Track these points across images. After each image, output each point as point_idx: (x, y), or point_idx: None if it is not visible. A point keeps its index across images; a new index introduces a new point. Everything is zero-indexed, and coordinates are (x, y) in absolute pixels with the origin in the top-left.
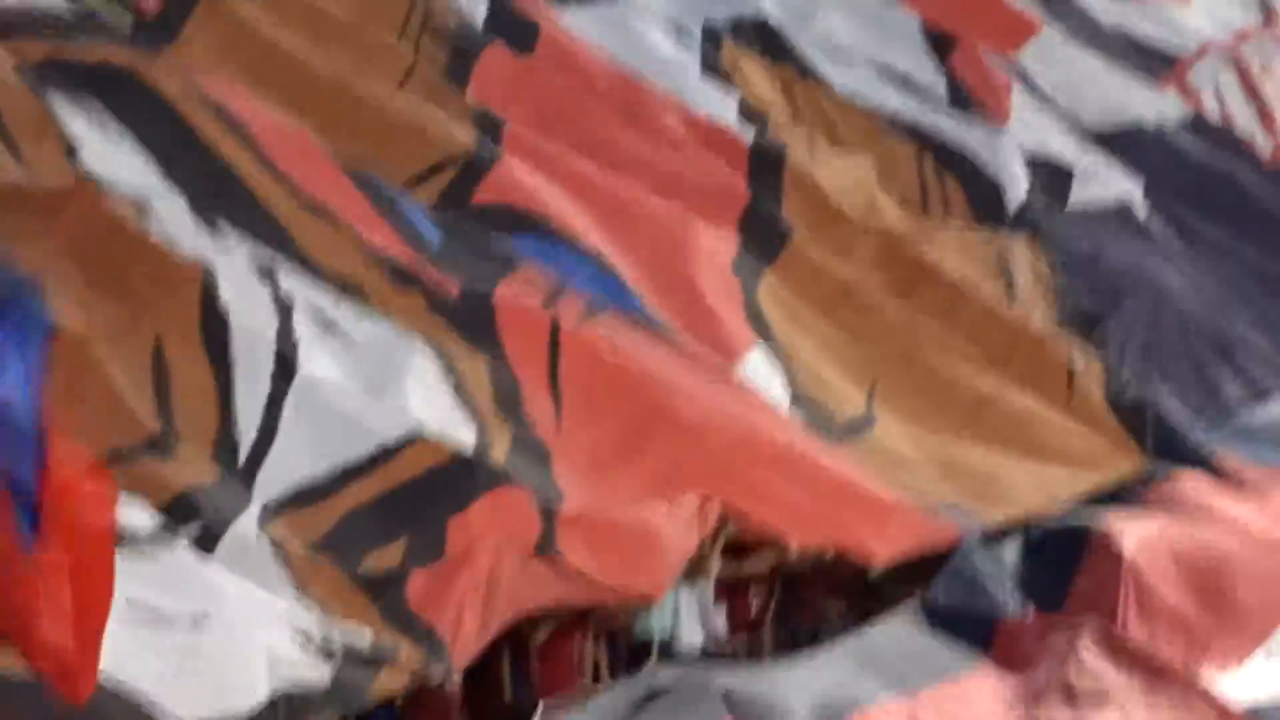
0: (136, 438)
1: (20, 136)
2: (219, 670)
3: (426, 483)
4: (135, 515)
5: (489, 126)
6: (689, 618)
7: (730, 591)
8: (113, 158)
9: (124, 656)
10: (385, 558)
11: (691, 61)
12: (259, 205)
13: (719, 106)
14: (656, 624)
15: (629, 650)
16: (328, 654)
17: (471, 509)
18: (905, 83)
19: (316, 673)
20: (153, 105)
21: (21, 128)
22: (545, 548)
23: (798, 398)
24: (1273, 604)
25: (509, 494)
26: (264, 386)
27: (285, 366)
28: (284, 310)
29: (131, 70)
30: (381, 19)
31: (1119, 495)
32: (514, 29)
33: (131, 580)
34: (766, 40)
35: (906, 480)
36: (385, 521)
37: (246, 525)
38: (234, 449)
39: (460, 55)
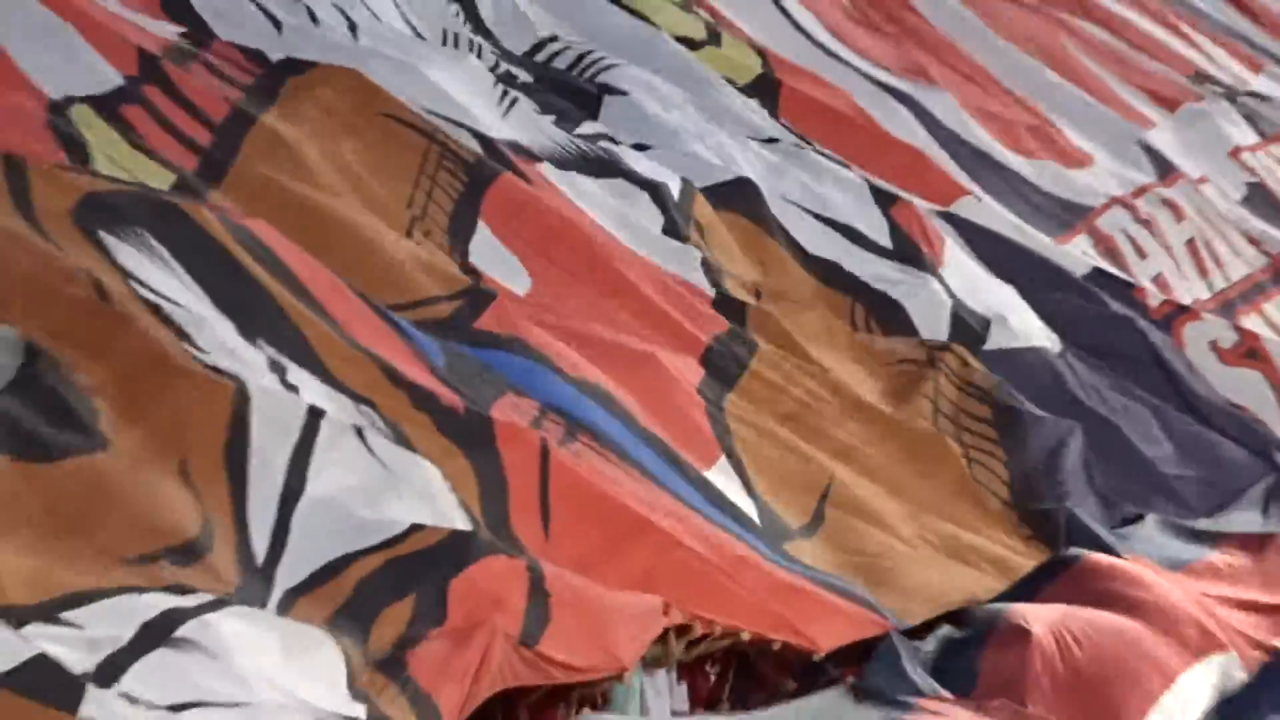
0: (176, 533)
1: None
2: None
3: (428, 554)
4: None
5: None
6: (654, 693)
7: (690, 670)
8: (163, 282)
9: None
10: (395, 617)
11: (657, 216)
12: (294, 328)
13: (683, 261)
14: (625, 697)
15: None
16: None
17: (470, 570)
18: (851, 232)
19: None
20: (196, 235)
21: (80, 258)
22: (529, 638)
23: (758, 502)
24: (1159, 676)
25: (503, 562)
26: (275, 500)
27: (298, 482)
28: (311, 414)
29: (174, 204)
30: (396, 165)
31: (1030, 582)
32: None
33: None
34: (736, 195)
35: (843, 579)
36: (394, 584)
37: (267, 611)
38: (251, 554)
39: (472, 188)
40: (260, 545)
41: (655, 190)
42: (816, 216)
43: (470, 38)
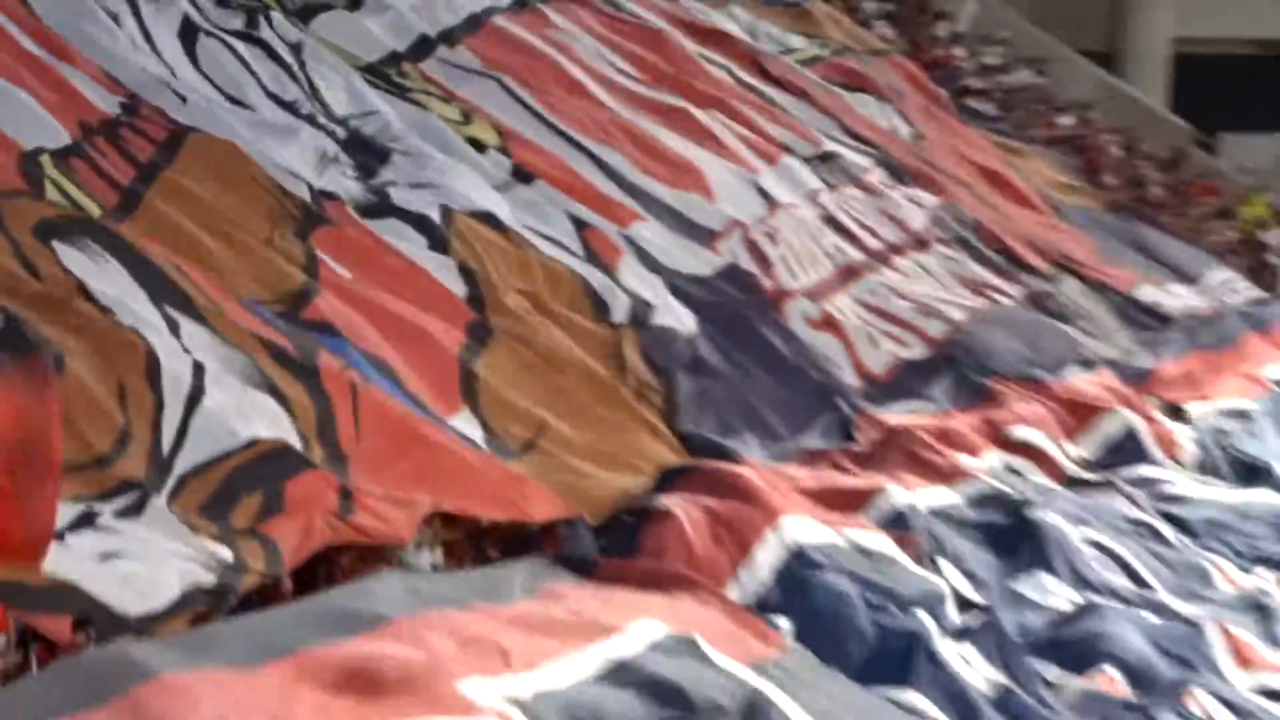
0: (111, 438)
1: (37, 265)
2: (148, 581)
3: (267, 460)
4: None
5: (313, 269)
6: (425, 555)
7: (447, 541)
8: (101, 278)
9: (85, 576)
10: (249, 507)
11: (421, 239)
12: (188, 298)
13: (444, 268)
14: (408, 557)
15: None
16: (211, 569)
17: (301, 477)
18: (562, 244)
19: (207, 579)
20: (118, 243)
21: (37, 259)
22: (342, 513)
23: (490, 433)
24: (753, 534)
25: (322, 476)
26: (179, 413)
27: (194, 401)
28: (196, 366)
29: (104, 224)
30: (254, 208)
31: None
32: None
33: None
34: (485, 219)
35: (550, 480)
36: (247, 483)
37: (162, 498)
38: (158, 451)
39: (303, 225)
40: (168, 442)
41: (422, 220)
42: (541, 235)
43: (310, 109)
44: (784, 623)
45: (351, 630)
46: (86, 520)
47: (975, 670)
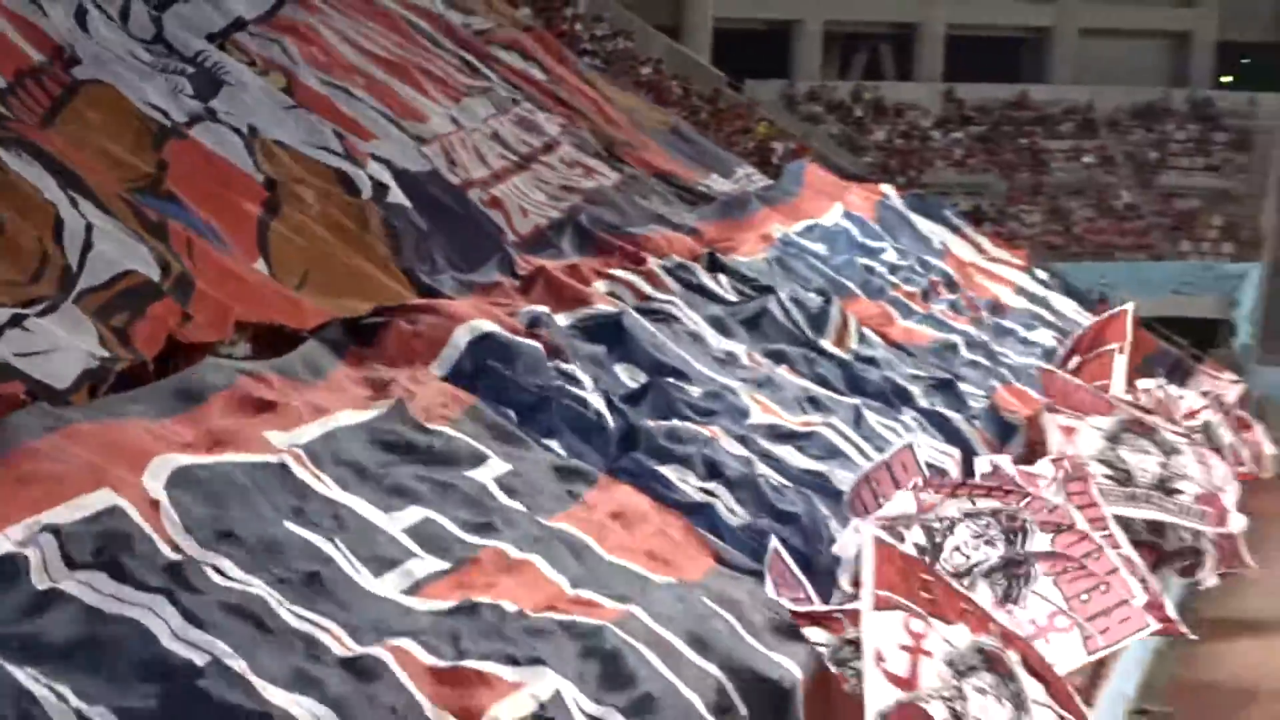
0: (34, 268)
1: None
2: (56, 362)
3: (135, 289)
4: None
5: (164, 165)
6: (240, 348)
7: (253, 340)
8: (27, 170)
9: (16, 360)
10: (121, 318)
11: (240, 145)
12: (81, 181)
13: (249, 163)
14: (224, 349)
15: None
16: (98, 355)
17: (158, 303)
18: (331, 150)
19: (95, 363)
20: (35, 147)
21: None
22: (185, 322)
23: (274, 274)
24: (445, 333)
25: (172, 304)
26: (77, 254)
27: (87, 247)
28: (88, 226)
29: (34, 140)
30: (125, 130)
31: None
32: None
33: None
34: (282, 136)
35: (319, 302)
36: (120, 303)
37: (68, 306)
38: (65, 277)
39: (158, 140)
40: (73, 269)
41: (239, 132)
42: (315, 146)
43: (166, 59)
44: (471, 390)
45: (196, 400)
46: (16, 322)
47: (603, 418)
